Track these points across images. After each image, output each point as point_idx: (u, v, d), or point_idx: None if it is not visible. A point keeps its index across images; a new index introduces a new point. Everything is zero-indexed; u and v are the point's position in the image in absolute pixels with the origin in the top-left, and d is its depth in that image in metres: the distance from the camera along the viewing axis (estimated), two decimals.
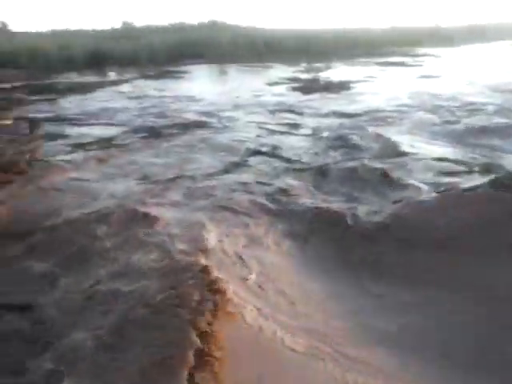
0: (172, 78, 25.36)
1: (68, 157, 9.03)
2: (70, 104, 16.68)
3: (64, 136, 11.12)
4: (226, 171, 8.02)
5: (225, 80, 25.73)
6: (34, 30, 55.48)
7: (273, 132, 11.16)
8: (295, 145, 9.79)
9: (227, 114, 13.81)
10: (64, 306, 3.97)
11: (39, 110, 15.26)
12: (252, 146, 9.82)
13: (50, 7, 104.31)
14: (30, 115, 13.78)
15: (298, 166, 8.18)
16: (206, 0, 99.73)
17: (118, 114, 14.17)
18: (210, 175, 7.71)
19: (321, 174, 7.54)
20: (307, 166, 8.04)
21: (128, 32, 48.63)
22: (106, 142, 10.46)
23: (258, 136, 10.79)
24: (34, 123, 10.76)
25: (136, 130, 11.67)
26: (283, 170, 7.96)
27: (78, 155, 9.20)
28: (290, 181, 7.30)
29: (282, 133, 11.07)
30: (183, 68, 30.62)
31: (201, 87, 21.00)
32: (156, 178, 7.54)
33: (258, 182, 7.23)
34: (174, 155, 9.26)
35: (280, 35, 44.53)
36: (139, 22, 78.51)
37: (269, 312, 3.92)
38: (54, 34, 47.44)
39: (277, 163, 8.45)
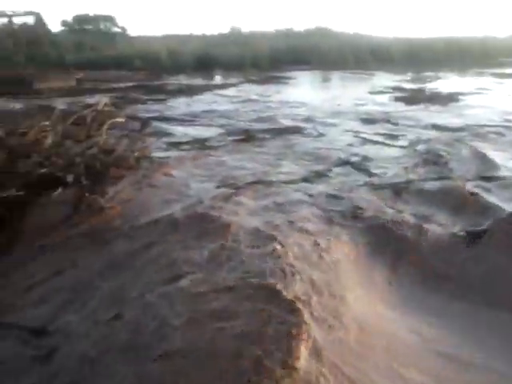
0: (276, 84, 25.77)
1: (166, 154, 9.66)
2: (178, 105, 17.66)
3: (168, 134, 11.84)
4: (306, 180, 7.93)
5: (328, 87, 25.68)
6: (148, 35, 59.22)
7: (366, 142, 10.93)
8: (385, 157, 9.48)
9: (325, 121, 13.78)
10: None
11: (150, 109, 16.35)
12: (341, 155, 9.68)
13: (165, 13, 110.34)
14: (142, 114, 14.79)
15: (380, 180, 7.86)
16: (314, 7, 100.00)
17: (218, 117, 14.74)
18: (288, 182, 7.71)
19: (403, 191, 7.15)
20: (390, 182, 7.68)
21: (235, 37, 50.16)
22: (201, 143, 11.02)
23: (350, 145, 10.63)
24: (144, 121, 11.50)
25: (232, 133, 12.05)
26: (364, 183, 7.66)
27: (175, 153, 9.80)
28: (366, 196, 6.99)
29: (375, 143, 10.82)
30: (287, 74, 30.96)
31: (303, 93, 21.14)
32: (235, 182, 7.71)
33: (333, 196, 6.97)
34: (261, 159, 9.40)
35: (387, 43, 43.56)
36: (246, 27, 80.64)
37: None
38: (167, 38, 50.09)
39: (360, 176, 8.16)
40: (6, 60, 25.33)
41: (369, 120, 13.68)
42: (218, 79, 29.81)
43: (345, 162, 9.14)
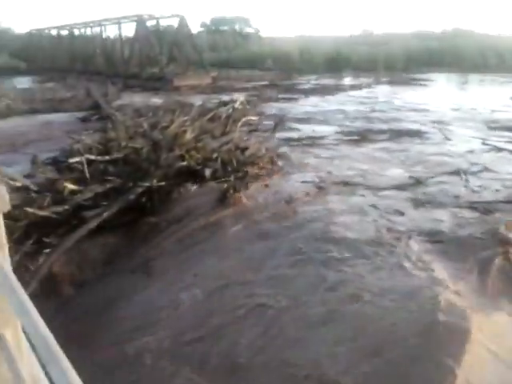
0: (408, 86, 24.72)
1: (291, 151, 9.84)
2: (309, 104, 17.75)
3: (296, 131, 12.15)
4: (401, 188, 7.34)
5: (464, 91, 24.01)
6: (280, 35, 60.22)
7: (490, 151, 9.88)
8: (506, 170, 8.36)
9: (449, 126, 12.83)
10: None
11: (282, 107, 16.61)
12: (455, 162, 8.86)
13: (297, 15, 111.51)
14: (275, 112, 15.09)
15: (480, 197, 6.88)
16: (451, 8, 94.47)
17: (344, 117, 14.68)
18: (383, 189, 7.21)
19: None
20: (489, 199, 6.70)
21: (367, 39, 49.11)
22: (319, 139, 11.35)
23: (471, 152, 9.70)
24: (278, 120, 11.61)
25: (349, 133, 12.06)
26: (455, 198, 6.76)
27: (292, 149, 10.03)
28: (462, 212, 6.17)
29: (499, 150, 9.78)
30: (422, 76, 29.50)
31: (436, 96, 20.00)
32: (333, 181, 7.47)
33: (396, 211, 6.24)
34: (368, 160, 9.16)
35: None
36: (379, 29, 78.52)
37: None
38: (298, 39, 50.48)
39: (459, 188, 7.27)
40: (152, 59, 27.28)
41: (505, 128, 12.43)
42: (348, 80, 29.33)
43: (454, 172, 8.22)
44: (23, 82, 30.43)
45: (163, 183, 7.02)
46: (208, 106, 13.87)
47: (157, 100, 18.16)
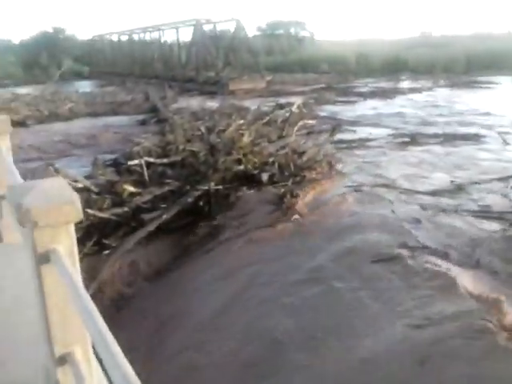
0: (470, 89, 23.74)
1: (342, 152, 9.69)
2: (367, 107, 17.42)
3: (352, 133, 12.11)
4: (437, 193, 7.02)
5: None
6: (334, 39, 59.56)
7: None
8: None
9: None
10: None
11: (339, 110, 16.38)
12: (509, 168, 8.33)
13: (353, 18, 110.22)
14: (332, 115, 14.94)
15: None
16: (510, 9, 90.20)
17: (402, 120, 14.39)
18: (421, 193, 6.85)
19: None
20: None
21: (425, 41, 47.73)
22: (373, 141, 11.24)
23: None
24: (335, 124, 11.38)
25: (401, 135, 11.90)
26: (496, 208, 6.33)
27: (348, 152, 9.90)
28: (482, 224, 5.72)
29: None
30: (482, 78, 28.28)
31: (498, 100, 19.03)
32: (376, 183, 7.22)
33: (416, 219, 5.92)
34: (418, 163, 9.05)
35: None
36: (437, 31, 76.04)
37: None
38: (354, 43, 49.71)
39: (503, 198, 6.82)
40: (208, 63, 27.58)
41: None
42: (407, 83, 28.52)
43: (502, 179, 7.71)
44: (85, 86, 31.63)
45: (220, 187, 6.99)
46: (264, 109, 13.83)
47: (213, 103, 18.32)
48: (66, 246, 1.54)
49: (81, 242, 5.85)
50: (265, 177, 7.12)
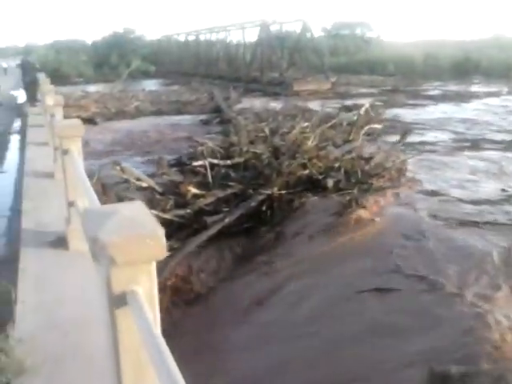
0: None
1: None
2: (439, 111, 16.75)
3: (424, 138, 11.73)
4: (477, 202, 6.37)
5: None
6: (400, 40, 57.91)
7: None
8: None
9: None
10: None
11: (408, 114, 15.82)
12: None
13: (419, 19, 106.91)
14: (400, 119, 14.50)
15: None
16: None
17: (465, 125, 13.97)
18: (466, 202, 6.29)
19: None
20: None
21: (498, 43, 45.44)
22: (434, 146, 11.09)
23: None
24: (404, 129, 10.93)
25: (465, 140, 11.69)
26: None
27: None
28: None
29: None
30: None
31: None
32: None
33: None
34: (466, 168, 8.91)
35: None
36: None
37: None
38: (420, 44, 48.04)
39: None
40: (272, 63, 27.53)
41: None
42: (479, 86, 27.16)
43: None
44: (151, 85, 32.37)
45: (284, 191, 6.80)
46: (329, 111, 13.52)
47: (276, 104, 18.16)
48: (146, 288, 1.35)
49: None
50: (330, 183, 6.84)
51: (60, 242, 3.61)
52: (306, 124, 11.13)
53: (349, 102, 16.91)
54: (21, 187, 5.73)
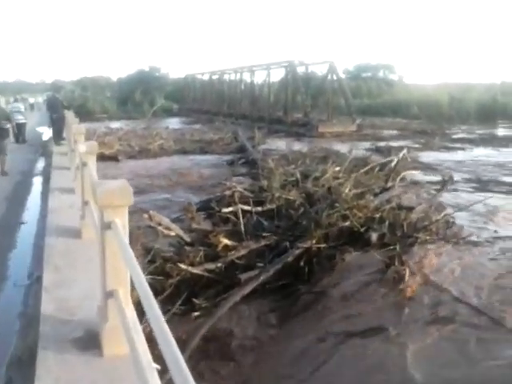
0: None
1: None
2: (483, 154, 16.35)
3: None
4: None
5: None
6: (422, 83, 57.81)
7: None
8: None
9: None
10: None
11: (442, 158, 15.33)
12: None
13: (443, 61, 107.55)
14: (436, 165, 13.97)
15: None
16: None
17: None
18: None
19: None
20: None
21: None
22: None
23: None
24: (446, 177, 10.36)
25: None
26: None
27: None
28: None
29: None
30: None
31: None
32: None
33: None
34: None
35: None
36: None
37: None
38: (443, 86, 47.73)
39: None
40: (297, 104, 27.35)
41: None
42: (506, 130, 26.50)
43: None
44: (174, 123, 32.42)
45: (323, 245, 6.22)
46: (359, 155, 13.01)
47: (302, 146, 17.75)
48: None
49: (170, 299, 5.30)
50: (374, 237, 6.24)
51: (90, 340, 2.69)
52: (338, 168, 10.65)
53: (379, 145, 16.43)
54: (41, 247, 5.02)
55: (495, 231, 7.29)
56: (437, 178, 10.91)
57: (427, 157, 15.39)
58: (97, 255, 2.69)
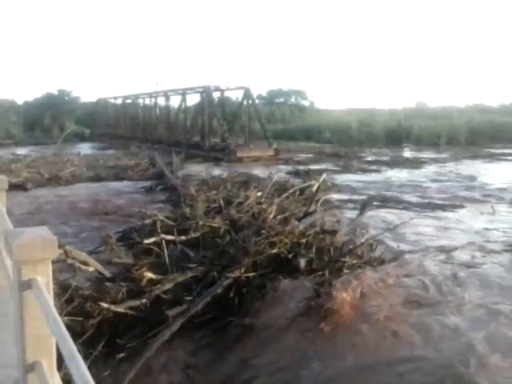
0: (497, 161, 23.36)
1: None
2: (399, 176, 17.00)
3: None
4: None
5: None
6: (333, 108, 60.24)
7: None
8: None
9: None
10: None
11: (359, 181, 15.85)
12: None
13: (347, 87, 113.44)
14: (353, 187, 14.36)
15: None
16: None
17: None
18: None
19: None
20: None
21: (422, 111, 48.33)
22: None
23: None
24: (365, 200, 10.64)
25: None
26: None
27: None
28: None
29: None
30: (501, 151, 27.95)
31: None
32: None
33: None
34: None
35: None
36: (432, 102, 77.70)
37: None
38: (351, 112, 50.19)
39: None
40: (213, 129, 27.21)
41: None
42: (411, 153, 28.19)
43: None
44: (86, 148, 31.14)
45: (252, 274, 6.06)
46: (279, 179, 13.10)
47: (221, 171, 17.66)
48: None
49: (91, 342, 4.87)
50: (302, 263, 6.18)
51: None
52: (260, 193, 10.62)
53: (298, 168, 16.74)
54: None
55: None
56: (356, 198, 11.23)
57: (346, 180, 15.90)
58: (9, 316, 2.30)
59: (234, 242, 6.89)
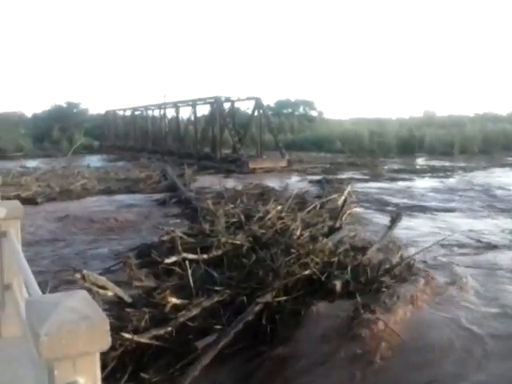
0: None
1: None
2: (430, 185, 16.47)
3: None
4: None
5: None
6: (339, 118, 59.82)
7: None
8: None
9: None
10: None
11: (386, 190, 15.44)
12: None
13: (356, 98, 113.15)
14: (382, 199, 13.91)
15: None
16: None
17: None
18: None
19: None
20: None
21: (430, 121, 47.93)
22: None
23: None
24: (394, 213, 10.16)
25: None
26: None
27: None
28: None
29: None
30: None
31: None
32: None
33: None
34: None
35: None
36: (440, 111, 76.95)
37: None
38: (360, 121, 49.79)
39: None
40: (225, 140, 26.82)
41: None
42: (425, 162, 27.69)
43: None
44: (95, 161, 30.87)
45: (284, 298, 5.58)
46: (300, 192, 12.62)
47: (235, 183, 17.22)
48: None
49: (113, 376, 4.41)
50: (338, 286, 5.69)
51: None
52: (280, 207, 10.14)
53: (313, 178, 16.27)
54: None
55: None
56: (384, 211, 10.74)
57: (375, 187, 15.50)
58: None
59: (261, 261, 6.41)
